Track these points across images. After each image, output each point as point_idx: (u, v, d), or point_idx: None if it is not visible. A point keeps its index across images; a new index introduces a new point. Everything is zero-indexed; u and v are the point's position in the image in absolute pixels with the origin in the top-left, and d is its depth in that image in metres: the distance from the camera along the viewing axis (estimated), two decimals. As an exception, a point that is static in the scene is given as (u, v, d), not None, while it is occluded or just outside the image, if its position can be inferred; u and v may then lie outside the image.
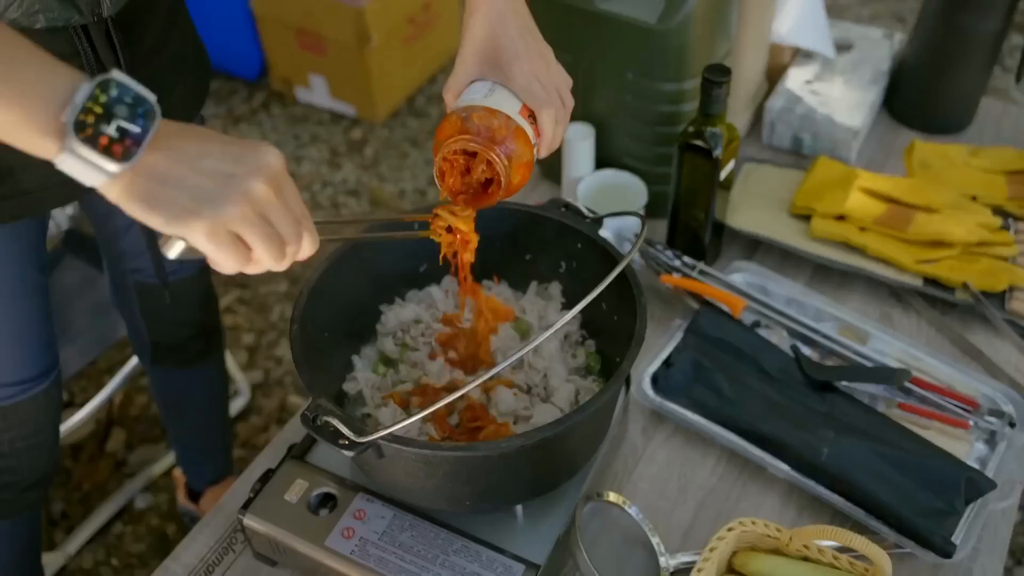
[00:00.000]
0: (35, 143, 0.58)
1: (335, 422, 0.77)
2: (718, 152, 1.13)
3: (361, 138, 2.71)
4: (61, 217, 1.66)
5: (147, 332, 1.36)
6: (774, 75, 1.51)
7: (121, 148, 0.58)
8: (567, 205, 1.02)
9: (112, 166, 0.59)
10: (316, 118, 2.78)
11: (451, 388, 0.95)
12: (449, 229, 0.87)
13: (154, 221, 0.61)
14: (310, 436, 0.96)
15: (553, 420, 0.79)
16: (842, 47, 1.52)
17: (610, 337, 1.00)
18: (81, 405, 1.67)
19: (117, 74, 0.60)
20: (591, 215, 1.01)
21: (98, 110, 0.58)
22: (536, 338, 0.73)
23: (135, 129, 0.59)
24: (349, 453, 0.76)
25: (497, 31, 0.83)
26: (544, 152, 0.86)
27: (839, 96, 1.44)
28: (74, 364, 1.52)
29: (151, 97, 0.60)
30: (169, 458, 1.84)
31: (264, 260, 0.66)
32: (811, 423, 1.03)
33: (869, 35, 1.54)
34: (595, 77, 1.26)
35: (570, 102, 0.86)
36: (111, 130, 0.58)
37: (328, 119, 2.78)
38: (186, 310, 1.35)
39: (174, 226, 0.61)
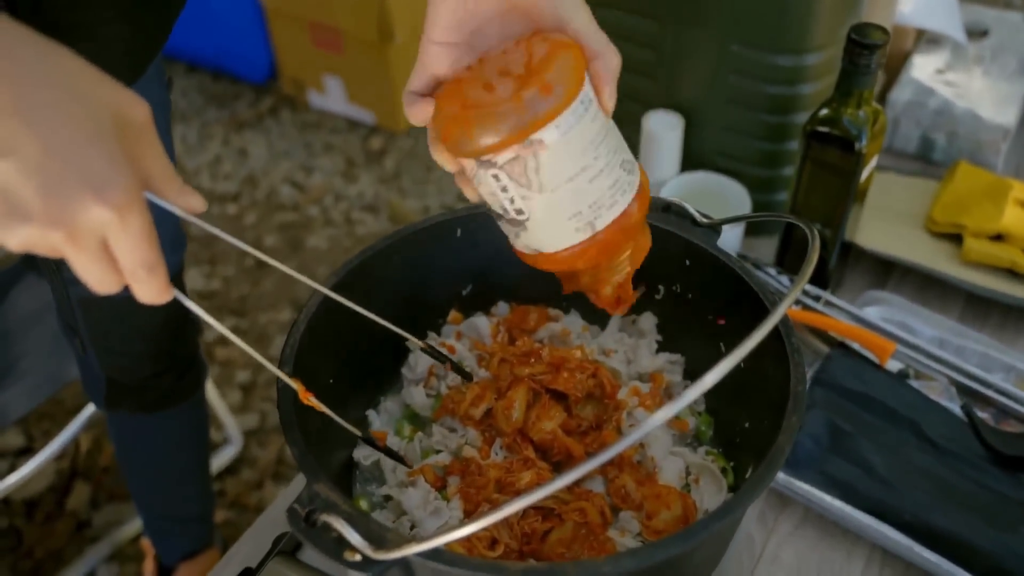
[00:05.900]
0: None
1: (339, 525, 0.50)
2: (862, 144, 0.84)
3: (381, 148, 2.44)
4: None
5: (99, 365, 1.05)
6: (893, 64, 1.23)
7: None
8: (669, 206, 0.74)
9: None
10: (330, 125, 2.52)
11: (507, 467, 0.66)
12: None
13: None
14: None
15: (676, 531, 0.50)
16: (974, 33, 1.24)
17: (729, 392, 0.71)
18: (40, 451, 1.38)
19: None
20: (706, 220, 0.72)
21: None
22: (646, 422, 0.44)
23: None
24: (361, 574, 0.50)
25: None
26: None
27: (981, 88, 1.15)
28: (22, 405, 1.23)
29: None
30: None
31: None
32: (1009, 517, 0.74)
33: (1007, 20, 1.26)
34: (686, 51, 0.98)
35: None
36: None
37: (344, 127, 2.51)
38: (146, 335, 1.03)
39: None
